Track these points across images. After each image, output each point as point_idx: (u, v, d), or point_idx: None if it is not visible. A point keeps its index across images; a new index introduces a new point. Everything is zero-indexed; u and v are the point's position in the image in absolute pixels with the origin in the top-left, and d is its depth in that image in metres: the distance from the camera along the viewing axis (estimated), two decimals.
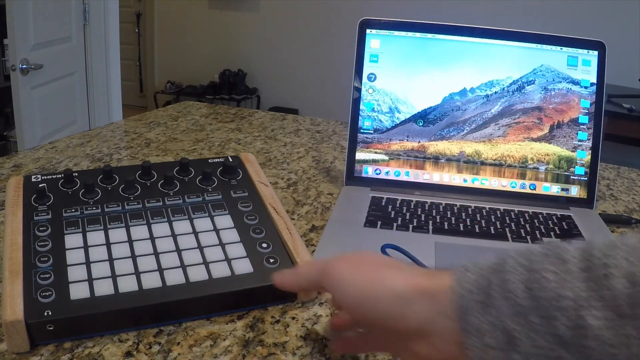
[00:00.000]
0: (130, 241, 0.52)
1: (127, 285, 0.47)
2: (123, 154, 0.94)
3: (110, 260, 0.49)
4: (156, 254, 0.51)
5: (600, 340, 0.26)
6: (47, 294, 0.44)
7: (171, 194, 0.59)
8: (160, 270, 0.49)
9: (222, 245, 0.54)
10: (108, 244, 0.51)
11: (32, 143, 1.79)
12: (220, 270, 0.51)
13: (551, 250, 0.29)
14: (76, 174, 0.59)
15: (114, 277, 0.48)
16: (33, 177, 0.58)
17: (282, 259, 0.53)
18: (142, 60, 4.39)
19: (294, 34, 3.77)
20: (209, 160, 0.65)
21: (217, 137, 1.06)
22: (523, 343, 0.28)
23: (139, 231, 0.53)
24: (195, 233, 0.54)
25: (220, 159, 0.65)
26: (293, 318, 0.51)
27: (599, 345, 0.26)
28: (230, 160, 0.65)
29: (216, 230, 0.55)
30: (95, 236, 0.52)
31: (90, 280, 0.47)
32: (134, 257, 0.50)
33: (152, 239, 0.53)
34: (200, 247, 0.53)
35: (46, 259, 0.47)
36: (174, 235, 0.53)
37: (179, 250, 0.52)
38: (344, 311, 0.38)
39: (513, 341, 0.28)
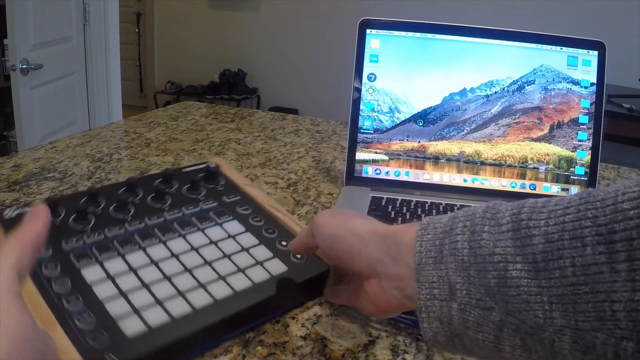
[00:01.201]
0: (154, 263, 0.48)
1: (179, 308, 0.44)
2: (123, 154, 0.94)
3: (146, 286, 0.45)
4: (188, 270, 0.48)
5: (518, 289, 0.30)
6: (98, 336, 0.40)
7: (167, 208, 0.55)
8: (202, 285, 0.46)
9: (246, 250, 0.52)
10: (133, 270, 0.47)
11: (32, 143, 1.79)
12: (258, 275, 0.49)
13: (489, 213, 0.34)
14: (58, 200, 0.52)
15: (159, 302, 0.44)
16: (6, 213, 0.50)
17: None
18: (142, 60, 4.40)
19: (294, 34, 3.77)
20: (183, 170, 0.62)
21: (217, 137, 1.06)
22: (462, 294, 0.32)
23: (157, 251, 0.49)
24: (214, 243, 0.52)
25: (197, 167, 0.63)
26: (293, 318, 0.51)
27: (517, 292, 0.30)
28: (212, 166, 0.62)
29: (232, 237, 0.53)
30: (115, 264, 0.47)
31: (136, 311, 0.42)
32: (168, 278, 0.46)
33: (176, 256, 0.49)
34: (228, 256, 0.51)
35: (75, 298, 0.42)
36: (195, 249, 0.51)
37: (208, 263, 0.49)
38: (322, 250, 0.44)
39: (454, 292, 0.32)
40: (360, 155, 0.80)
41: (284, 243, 0.54)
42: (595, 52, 0.78)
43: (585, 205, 0.29)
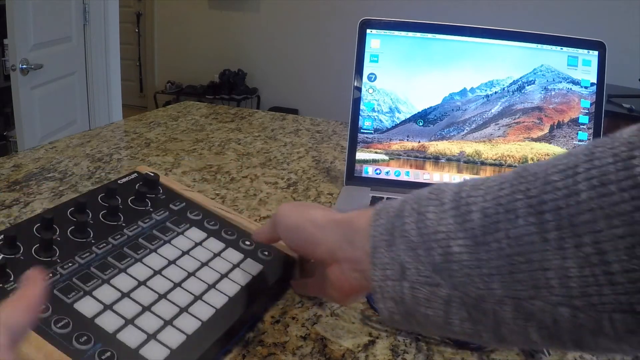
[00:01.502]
0: (142, 283, 0.47)
1: (189, 324, 0.44)
2: (123, 154, 0.94)
3: (147, 308, 0.44)
4: (178, 285, 0.47)
5: (460, 263, 0.31)
6: None
7: (123, 224, 0.53)
8: (199, 297, 0.47)
9: (218, 255, 0.52)
10: (126, 295, 0.45)
11: (32, 143, 1.79)
12: (242, 277, 0.50)
13: (434, 194, 0.35)
14: (15, 233, 0.47)
15: (169, 322, 0.43)
16: None
17: (269, 248, 0.54)
18: (142, 60, 4.40)
19: (294, 34, 3.77)
20: (118, 182, 0.59)
21: (217, 137, 1.06)
22: (411, 272, 0.33)
23: (138, 270, 0.48)
24: (186, 253, 0.52)
25: (129, 177, 0.60)
26: (293, 318, 0.51)
27: (459, 267, 0.31)
28: (151, 175, 0.60)
29: (199, 244, 0.53)
30: (105, 292, 0.45)
31: (152, 336, 0.42)
32: (163, 296, 0.46)
33: (159, 272, 0.49)
34: (205, 264, 0.51)
35: (85, 338, 0.40)
36: (173, 263, 0.50)
37: (192, 274, 0.49)
38: (283, 240, 0.46)
39: (404, 271, 0.34)
40: (360, 155, 0.80)
41: (247, 242, 0.54)
42: (596, 52, 0.78)
43: (518, 180, 0.31)
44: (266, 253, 0.53)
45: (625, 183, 0.26)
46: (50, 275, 0.44)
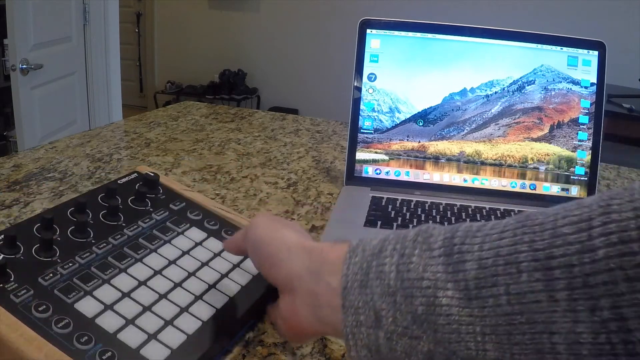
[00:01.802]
0: (142, 283, 0.47)
1: (189, 324, 0.44)
2: (123, 154, 0.94)
3: (147, 308, 0.44)
4: (178, 284, 0.47)
5: (448, 318, 0.28)
6: None
7: (124, 224, 0.53)
8: (199, 297, 0.46)
9: (218, 255, 0.52)
10: (127, 295, 0.45)
11: (32, 143, 1.79)
12: (242, 277, 0.50)
13: (420, 236, 0.32)
14: (15, 232, 0.47)
15: (169, 323, 0.43)
16: None
17: None
18: (142, 60, 4.39)
19: (294, 34, 3.77)
20: (118, 181, 0.59)
21: (217, 137, 1.06)
22: (387, 321, 0.30)
23: (139, 270, 0.48)
24: (187, 253, 0.52)
25: (129, 177, 0.60)
26: None
27: (447, 322, 0.28)
28: (152, 175, 0.60)
29: (199, 244, 0.53)
30: (105, 292, 0.44)
31: (152, 336, 0.42)
32: (164, 296, 0.46)
33: (159, 272, 0.48)
34: (206, 264, 0.51)
35: (86, 338, 0.39)
36: (173, 263, 0.50)
37: (192, 274, 0.49)
38: (248, 252, 0.42)
39: (380, 319, 0.30)
40: (360, 155, 0.80)
41: None
42: (595, 52, 0.78)
43: (522, 229, 0.28)
44: None
45: None
46: (51, 274, 0.44)
